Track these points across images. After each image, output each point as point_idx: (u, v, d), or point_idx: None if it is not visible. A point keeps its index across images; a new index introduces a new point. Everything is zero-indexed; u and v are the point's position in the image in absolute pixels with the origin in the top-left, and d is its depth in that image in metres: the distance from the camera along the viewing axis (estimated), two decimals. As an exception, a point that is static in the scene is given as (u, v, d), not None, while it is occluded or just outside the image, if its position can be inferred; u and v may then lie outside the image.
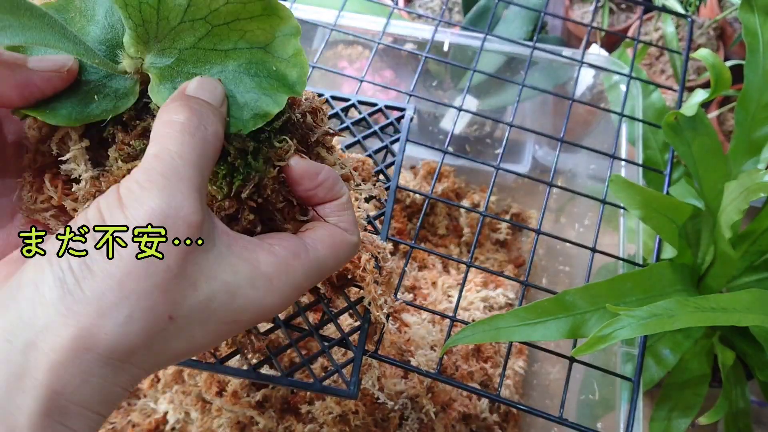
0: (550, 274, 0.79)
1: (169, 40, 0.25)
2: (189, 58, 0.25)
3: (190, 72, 0.25)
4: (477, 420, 0.66)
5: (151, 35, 0.24)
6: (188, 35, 0.25)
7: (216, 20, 0.25)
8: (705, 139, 0.53)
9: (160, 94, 0.24)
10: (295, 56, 0.26)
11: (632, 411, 0.44)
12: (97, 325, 0.21)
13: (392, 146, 0.48)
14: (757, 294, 0.42)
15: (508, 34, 0.76)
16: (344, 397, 0.38)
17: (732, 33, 0.97)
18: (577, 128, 0.77)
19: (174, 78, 0.25)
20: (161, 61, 0.25)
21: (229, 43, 0.25)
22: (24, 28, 0.21)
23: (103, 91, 0.25)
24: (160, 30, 0.24)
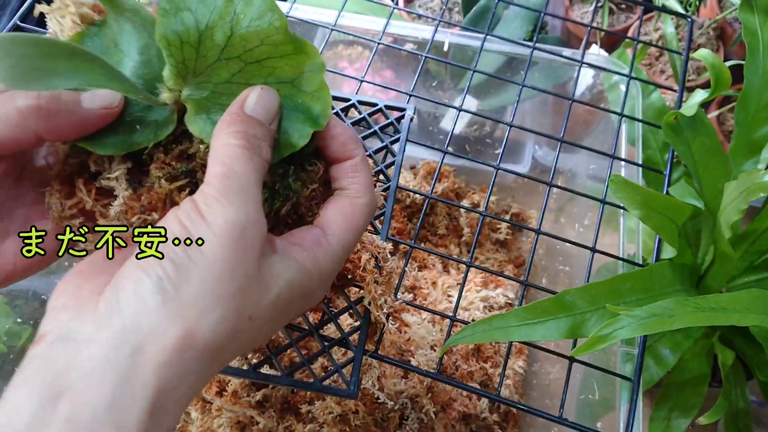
0: (550, 274, 0.79)
1: (206, 75, 0.27)
2: (223, 91, 0.27)
3: (224, 103, 0.27)
4: (477, 420, 0.66)
5: (189, 70, 0.27)
6: (223, 71, 0.27)
7: (249, 58, 0.27)
8: (705, 139, 0.53)
9: (196, 123, 0.26)
10: (319, 90, 0.28)
11: (632, 411, 0.44)
12: (197, 324, 0.24)
13: (392, 146, 0.48)
14: (757, 294, 0.42)
15: (508, 34, 0.76)
16: (344, 396, 0.38)
17: (732, 33, 0.97)
18: (577, 128, 0.77)
19: (209, 108, 0.27)
20: (198, 94, 0.27)
21: (260, 78, 0.27)
22: (78, 72, 0.23)
23: (144, 121, 0.27)
24: (198, 66, 0.27)
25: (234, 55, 0.27)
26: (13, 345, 0.64)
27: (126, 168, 0.27)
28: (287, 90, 0.28)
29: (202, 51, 0.26)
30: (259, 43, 0.27)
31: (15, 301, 0.67)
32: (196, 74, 0.27)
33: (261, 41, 0.27)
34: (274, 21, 0.27)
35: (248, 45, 0.27)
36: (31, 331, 0.66)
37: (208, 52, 0.27)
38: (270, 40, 0.27)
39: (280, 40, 0.27)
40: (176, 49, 0.26)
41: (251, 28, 0.26)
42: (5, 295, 0.66)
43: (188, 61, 0.26)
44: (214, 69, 0.27)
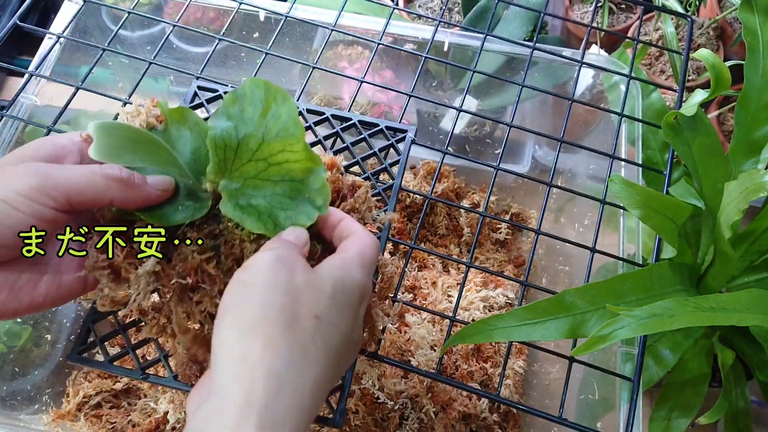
0: (549, 274, 0.79)
1: (239, 172, 0.34)
2: (250, 185, 0.34)
3: (250, 194, 0.34)
4: (477, 420, 0.66)
5: (227, 168, 0.34)
6: (252, 169, 0.34)
7: (273, 161, 0.34)
8: (705, 139, 0.53)
9: (226, 207, 0.34)
10: (322, 188, 0.35)
11: (632, 411, 0.44)
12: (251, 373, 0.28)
13: (391, 169, 0.47)
14: (757, 294, 0.42)
15: (508, 34, 0.76)
16: (329, 425, 0.38)
17: (732, 33, 0.97)
18: (576, 128, 0.77)
19: (238, 197, 0.34)
20: (231, 185, 0.34)
21: (278, 176, 0.35)
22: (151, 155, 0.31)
23: (186, 203, 0.35)
24: (234, 164, 0.34)
25: (261, 158, 0.34)
26: (13, 345, 0.64)
27: (161, 240, 0.34)
28: (298, 186, 0.35)
29: (239, 153, 0.34)
30: (282, 149, 0.34)
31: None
32: (232, 170, 0.34)
33: (284, 147, 0.34)
34: (296, 132, 0.34)
35: (273, 150, 0.34)
36: (30, 331, 0.66)
37: (243, 155, 0.34)
38: (290, 146, 0.34)
39: (298, 148, 0.34)
40: (220, 150, 0.34)
41: (278, 137, 0.34)
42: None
43: (228, 160, 0.34)
44: (245, 167, 0.34)
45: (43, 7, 0.95)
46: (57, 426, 0.63)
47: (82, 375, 0.67)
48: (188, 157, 0.36)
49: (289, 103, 0.34)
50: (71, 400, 0.64)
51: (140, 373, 0.41)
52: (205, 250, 0.34)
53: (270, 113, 0.34)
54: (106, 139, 0.28)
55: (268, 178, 0.34)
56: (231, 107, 0.35)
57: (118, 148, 0.29)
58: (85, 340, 0.41)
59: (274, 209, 0.34)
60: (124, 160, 0.29)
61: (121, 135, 0.29)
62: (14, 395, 0.63)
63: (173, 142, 0.36)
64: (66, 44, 0.62)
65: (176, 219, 0.34)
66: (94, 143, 0.27)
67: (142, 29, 0.81)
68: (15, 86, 0.89)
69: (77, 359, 0.41)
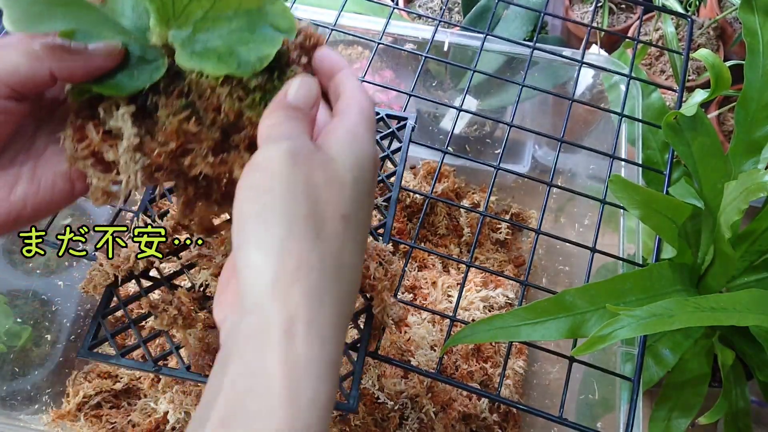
0: (550, 274, 0.79)
1: (184, 17, 0.31)
2: (201, 28, 0.31)
3: (204, 39, 0.31)
4: (477, 420, 0.66)
5: (169, 14, 0.31)
6: (197, 8, 0.31)
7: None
8: (705, 139, 0.53)
9: (182, 58, 0.30)
10: (282, 11, 0.32)
11: (632, 411, 0.44)
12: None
13: (393, 156, 0.48)
14: (757, 294, 0.42)
15: (508, 34, 0.76)
16: (344, 410, 0.38)
17: (732, 33, 0.97)
18: (577, 128, 0.77)
19: (193, 45, 0.31)
20: (181, 34, 0.31)
21: (230, 10, 0.31)
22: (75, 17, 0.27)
23: (140, 67, 0.31)
24: (176, 9, 0.31)
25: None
26: (13, 345, 0.64)
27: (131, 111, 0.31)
28: (255, 17, 0.32)
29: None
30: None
31: (15, 301, 0.67)
32: (176, 17, 0.31)
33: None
34: None
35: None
36: (30, 331, 0.66)
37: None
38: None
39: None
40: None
41: None
42: (5, 295, 0.66)
43: (166, 5, 0.30)
44: (190, 8, 0.31)
45: (43, 7, 0.94)
46: (57, 426, 0.63)
47: (82, 375, 0.67)
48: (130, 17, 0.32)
49: None
50: (71, 400, 0.64)
51: (153, 366, 0.40)
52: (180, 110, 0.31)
53: None
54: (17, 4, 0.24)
55: (219, 16, 0.31)
56: None
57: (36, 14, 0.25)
58: (96, 335, 0.41)
59: (233, 46, 0.31)
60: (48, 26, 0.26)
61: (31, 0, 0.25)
62: (14, 395, 0.63)
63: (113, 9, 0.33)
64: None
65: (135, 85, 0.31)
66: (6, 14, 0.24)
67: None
68: (15, 86, 0.89)
69: (89, 354, 0.40)
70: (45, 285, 0.68)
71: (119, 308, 0.42)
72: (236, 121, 0.31)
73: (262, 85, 0.32)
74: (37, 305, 0.67)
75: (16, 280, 0.68)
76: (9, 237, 0.67)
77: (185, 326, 0.40)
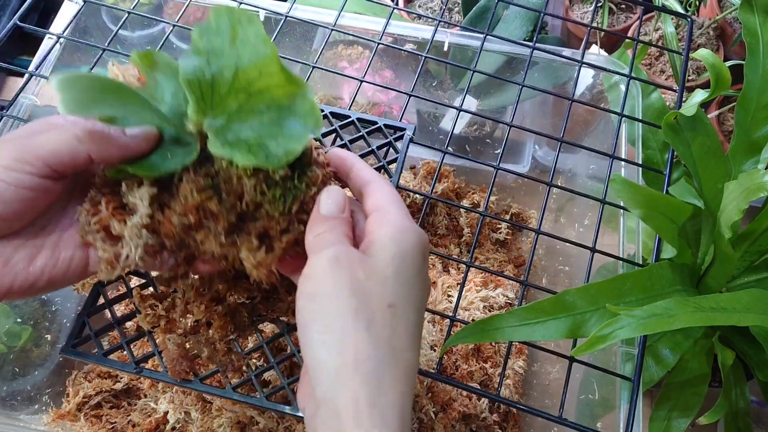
0: (549, 274, 0.79)
1: (220, 108, 0.33)
2: (235, 119, 0.33)
3: (236, 128, 0.33)
4: (477, 420, 0.66)
5: (207, 104, 0.33)
6: (233, 102, 0.33)
7: (252, 89, 0.33)
8: (705, 139, 0.53)
9: (215, 146, 0.32)
10: (310, 109, 0.33)
11: (632, 411, 0.44)
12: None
13: (389, 167, 0.47)
14: (757, 294, 0.42)
15: (508, 34, 0.76)
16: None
17: (732, 33, 0.97)
18: (577, 128, 0.77)
19: (225, 134, 0.32)
20: (215, 123, 0.33)
21: (262, 105, 0.33)
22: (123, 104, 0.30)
23: (174, 150, 0.33)
24: (214, 101, 0.33)
25: (240, 88, 0.33)
26: (13, 345, 0.64)
27: (151, 193, 0.33)
28: (285, 112, 0.33)
29: (216, 87, 0.33)
30: (258, 75, 0.32)
31: (15, 301, 0.67)
32: (213, 108, 0.33)
33: (260, 72, 0.32)
34: (267, 51, 0.32)
35: (250, 77, 0.32)
36: (30, 331, 0.66)
37: (220, 88, 0.33)
38: (266, 70, 0.32)
39: (274, 69, 0.32)
40: (195, 87, 0.32)
41: (251, 62, 0.32)
42: (5, 295, 0.66)
43: (206, 97, 0.33)
44: (226, 102, 0.33)
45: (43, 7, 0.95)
46: (57, 426, 0.63)
47: (82, 375, 0.67)
48: (169, 103, 0.34)
49: (255, 24, 0.33)
50: (71, 400, 0.64)
51: (134, 367, 0.41)
52: (204, 189, 0.33)
53: (238, 39, 0.33)
54: (71, 91, 0.26)
55: (252, 109, 0.33)
56: (199, 42, 0.33)
57: (86, 100, 0.27)
58: (80, 334, 0.41)
59: (263, 139, 0.33)
60: (96, 112, 0.28)
61: (86, 85, 0.27)
62: (14, 395, 0.63)
63: (153, 95, 0.35)
64: (66, 44, 0.62)
65: (166, 167, 0.33)
66: (60, 98, 0.26)
67: (142, 29, 0.81)
68: (15, 86, 0.89)
69: (71, 352, 0.41)
70: (45, 285, 0.68)
71: (105, 307, 0.42)
72: (254, 211, 0.34)
73: (284, 182, 0.34)
74: (37, 305, 0.67)
75: (16, 280, 0.67)
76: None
77: (165, 330, 0.40)
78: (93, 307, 0.42)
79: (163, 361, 0.40)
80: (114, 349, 0.42)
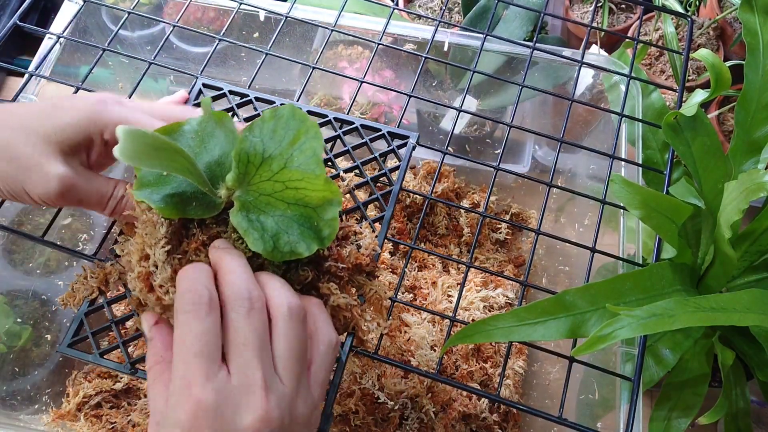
0: (549, 274, 0.79)
1: (256, 186, 0.36)
2: (264, 200, 0.36)
3: (261, 209, 0.35)
4: (477, 420, 0.66)
5: (246, 179, 0.36)
6: (269, 187, 0.36)
7: (290, 185, 0.35)
8: (705, 139, 0.53)
9: (237, 217, 0.35)
10: (332, 220, 0.36)
11: (632, 411, 0.44)
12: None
13: (390, 174, 0.47)
14: (757, 294, 0.42)
15: (508, 34, 0.76)
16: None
17: (732, 33, 0.97)
18: (577, 128, 0.77)
19: (250, 209, 0.35)
20: (245, 197, 0.36)
21: (293, 198, 0.36)
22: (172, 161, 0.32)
23: (199, 201, 0.36)
24: (254, 179, 0.36)
25: (280, 180, 0.35)
26: (13, 345, 0.64)
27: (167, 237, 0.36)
28: (310, 212, 0.36)
29: (260, 171, 0.35)
30: (300, 178, 0.35)
31: (15, 301, 0.67)
32: (250, 183, 0.36)
33: (303, 177, 0.35)
34: (317, 170, 0.35)
35: (292, 177, 0.35)
36: (30, 331, 0.66)
37: (263, 173, 0.35)
38: (310, 180, 0.35)
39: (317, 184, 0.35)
40: (243, 164, 0.35)
41: (299, 168, 0.35)
42: (5, 295, 0.66)
43: (248, 174, 0.36)
44: (264, 184, 0.36)
45: (43, 7, 0.95)
46: (57, 426, 0.63)
47: (82, 375, 0.67)
48: (215, 158, 0.37)
49: (318, 141, 0.35)
50: (71, 400, 0.64)
51: (129, 368, 0.41)
52: (213, 236, 0.36)
53: (298, 143, 0.35)
54: (131, 143, 0.29)
55: (283, 198, 0.36)
56: (265, 124, 0.36)
57: (140, 153, 0.30)
58: (78, 332, 0.42)
59: (279, 231, 0.35)
60: (145, 163, 0.31)
61: (145, 142, 0.30)
62: (14, 395, 0.63)
63: (204, 140, 0.37)
64: (66, 44, 0.62)
65: (186, 214, 0.36)
66: (120, 145, 0.29)
67: (142, 29, 0.81)
68: (15, 86, 0.89)
69: (67, 351, 0.41)
70: (45, 285, 0.68)
71: (103, 306, 0.42)
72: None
73: (276, 268, 0.36)
74: (37, 305, 0.67)
75: (16, 280, 0.68)
76: (9, 237, 0.67)
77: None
78: (91, 306, 0.42)
79: None
80: (111, 349, 0.42)
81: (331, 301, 0.38)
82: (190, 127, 0.38)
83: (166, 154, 0.32)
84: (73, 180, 0.38)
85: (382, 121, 0.85)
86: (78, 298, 0.42)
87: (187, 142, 0.37)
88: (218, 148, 0.37)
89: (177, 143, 0.35)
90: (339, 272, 0.39)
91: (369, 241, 0.41)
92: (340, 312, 0.39)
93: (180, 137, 0.37)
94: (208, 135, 0.38)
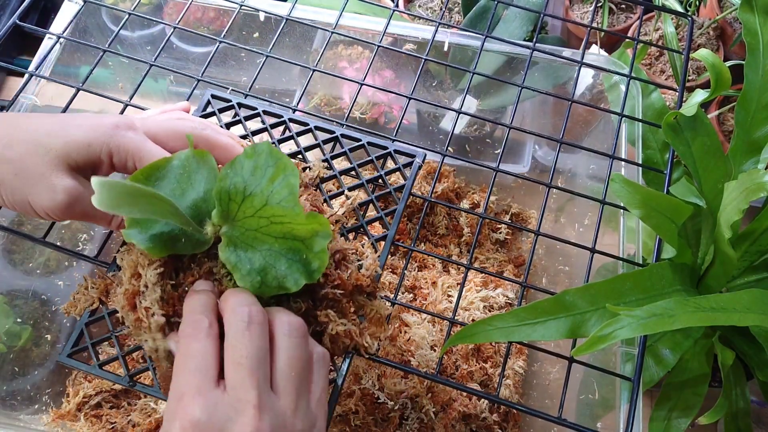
0: (549, 274, 0.79)
1: (241, 222, 0.36)
2: (251, 235, 0.36)
3: (249, 244, 0.36)
4: (477, 420, 0.66)
5: (230, 216, 0.36)
6: (254, 222, 0.36)
7: (275, 219, 0.35)
8: (705, 139, 0.53)
9: (225, 252, 0.36)
10: (321, 252, 0.36)
11: (632, 411, 0.44)
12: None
13: (395, 193, 0.47)
14: (757, 294, 0.42)
15: (508, 34, 0.76)
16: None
17: (732, 33, 0.97)
18: (576, 128, 0.77)
19: (237, 245, 0.36)
20: (232, 232, 0.36)
21: (280, 233, 0.36)
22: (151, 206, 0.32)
23: (188, 238, 0.36)
24: (238, 215, 0.36)
25: (264, 216, 0.36)
26: (13, 345, 0.64)
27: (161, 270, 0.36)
28: (298, 245, 0.36)
29: (243, 207, 0.36)
30: (283, 214, 0.35)
31: (15, 301, 0.67)
32: (235, 220, 0.36)
33: (285, 214, 0.35)
34: (296, 209, 0.35)
35: (275, 213, 0.35)
36: (30, 331, 0.66)
37: (247, 209, 0.36)
38: (292, 216, 0.35)
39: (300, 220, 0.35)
40: (224, 202, 0.36)
41: (280, 205, 0.35)
42: (5, 295, 0.66)
43: (231, 211, 0.36)
44: (248, 220, 0.36)
45: (43, 7, 0.95)
46: (57, 426, 0.63)
47: (82, 375, 0.67)
48: (200, 194, 0.37)
49: (295, 178, 0.36)
50: (71, 400, 0.64)
51: (128, 380, 0.41)
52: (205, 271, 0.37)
53: (276, 181, 0.36)
54: (107, 193, 0.30)
55: (269, 233, 0.36)
56: (246, 162, 0.36)
57: (118, 202, 0.30)
58: (78, 342, 0.42)
59: (267, 266, 0.35)
60: (125, 211, 0.31)
61: (120, 191, 0.30)
62: (14, 395, 0.63)
63: (190, 176, 0.38)
64: (66, 44, 0.62)
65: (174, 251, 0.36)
66: (96, 195, 0.29)
67: (142, 29, 0.81)
68: (15, 86, 0.89)
69: (67, 360, 0.41)
70: (45, 285, 0.68)
71: (103, 317, 0.42)
72: None
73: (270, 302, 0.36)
74: (37, 305, 0.67)
75: (16, 280, 0.68)
76: (9, 237, 0.67)
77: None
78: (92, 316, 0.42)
79: (156, 376, 0.40)
80: (110, 360, 0.42)
81: (329, 329, 0.38)
82: (178, 162, 0.38)
83: (145, 200, 0.32)
84: (79, 193, 0.38)
85: (382, 121, 0.85)
86: (79, 308, 0.42)
87: (176, 178, 0.37)
88: (203, 184, 0.38)
89: (166, 179, 0.37)
90: (336, 297, 0.39)
91: (370, 261, 0.41)
92: (340, 339, 0.39)
93: (169, 173, 0.37)
94: (194, 171, 0.38)
